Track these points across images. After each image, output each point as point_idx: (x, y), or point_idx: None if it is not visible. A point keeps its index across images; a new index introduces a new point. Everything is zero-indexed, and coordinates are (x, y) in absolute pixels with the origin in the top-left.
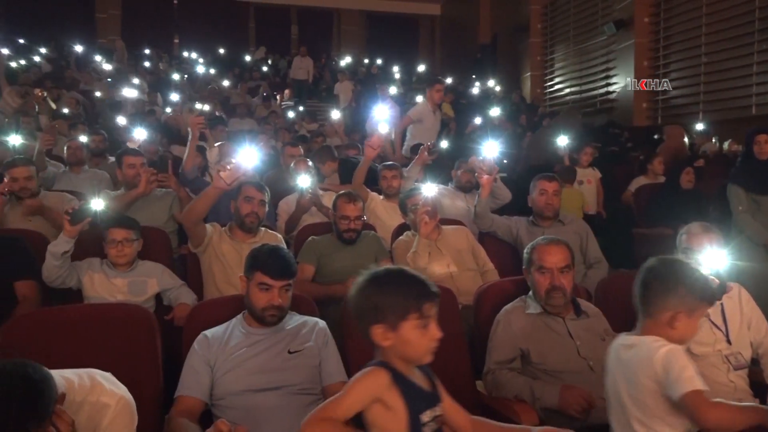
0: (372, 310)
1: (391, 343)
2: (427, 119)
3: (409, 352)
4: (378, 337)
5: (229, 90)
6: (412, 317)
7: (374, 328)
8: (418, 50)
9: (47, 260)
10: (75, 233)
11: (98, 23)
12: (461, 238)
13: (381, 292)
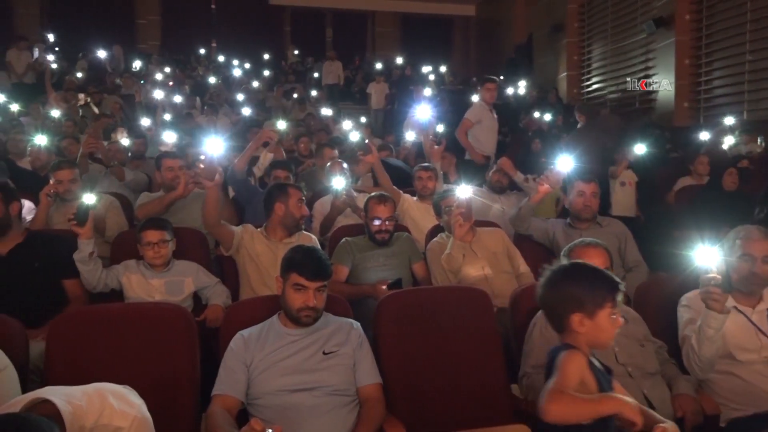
0: (572, 300)
1: (585, 330)
2: (485, 119)
3: (601, 337)
4: (575, 325)
5: (265, 93)
6: (608, 306)
7: (573, 316)
8: (452, 51)
9: (79, 268)
10: (89, 232)
11: (138, 29)
12: (496, 240)
13: (580, 283)
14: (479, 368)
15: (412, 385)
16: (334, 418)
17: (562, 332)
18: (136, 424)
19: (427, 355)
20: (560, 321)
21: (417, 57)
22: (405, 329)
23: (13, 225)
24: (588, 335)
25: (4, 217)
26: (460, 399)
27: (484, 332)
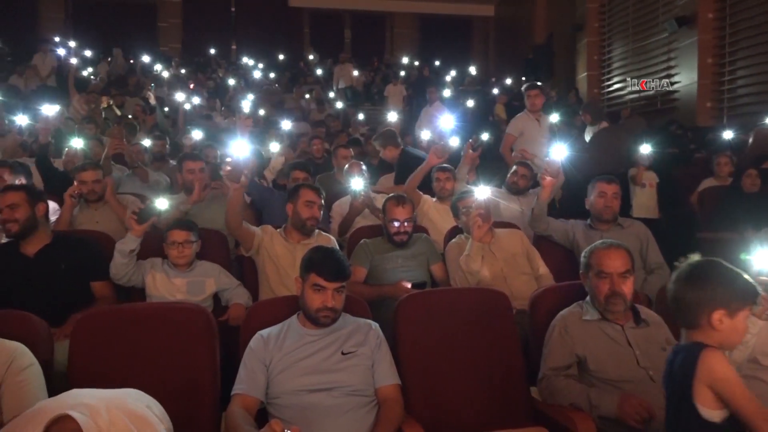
0: (718, 297)
1: (723, 328)
2: (528, 131)
3: (733, 338)
4: (715, 322)
5: (284, 94)
6: (748, 307)
7: (715, 314)
8: (471, 52)
9: (115, 258)
10: (141, 232)
11: (160, 32)
12: (515, 242)
13: (728, 281)
14: (498, 370)
15: (430, 387)
16: (352, 419)
17: (692, 329)
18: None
19: (445, 356)
20: (695, 317)
21: (436, 58)
22: (424, 330)
23: (40, 226)
24: (723, 334)
25: (30, 218)
26: (479, 401)
27: (503, 334)
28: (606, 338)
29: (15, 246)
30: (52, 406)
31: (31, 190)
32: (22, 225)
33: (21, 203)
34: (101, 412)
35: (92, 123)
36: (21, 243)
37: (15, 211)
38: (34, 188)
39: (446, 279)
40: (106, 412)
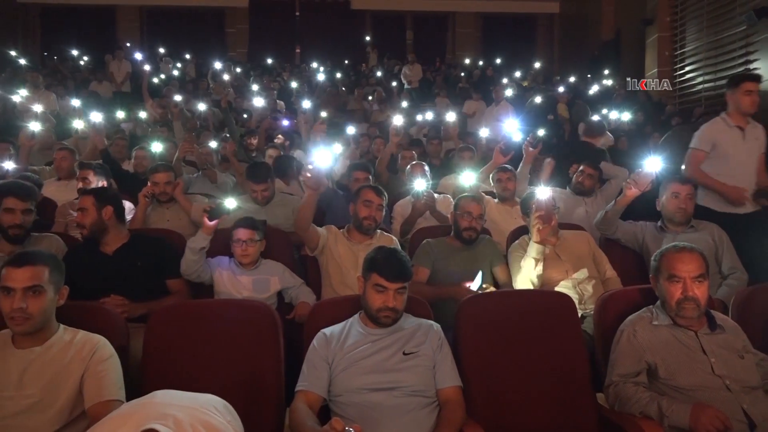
0: None
1: None
2: (724, 141)
3: None
4: None
5: (346, 96)
6: None
7: None
8: (535, 50)
9: (186, 255)
10: (212, 230)
11: (228, 37)
12: (582, 244)
13: None
14: (563, 375)
15: (492, 390)
16: (414, 419)
17: None
18: None
19: (508, 359)
20: None
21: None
22: (486, 332)
23: (110, 227)
24: None
25: (97, 221)
26: (542, 405)
27: (568, 338)
28: (678, 344)
29: (95, 245)
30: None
31: (100, 194)
32: (89, 228)
33: (89, 207)
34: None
35: (165, 126)
36: (100, 242)
37: (84, 215)
38: (105, 191)
39: (509, 281)
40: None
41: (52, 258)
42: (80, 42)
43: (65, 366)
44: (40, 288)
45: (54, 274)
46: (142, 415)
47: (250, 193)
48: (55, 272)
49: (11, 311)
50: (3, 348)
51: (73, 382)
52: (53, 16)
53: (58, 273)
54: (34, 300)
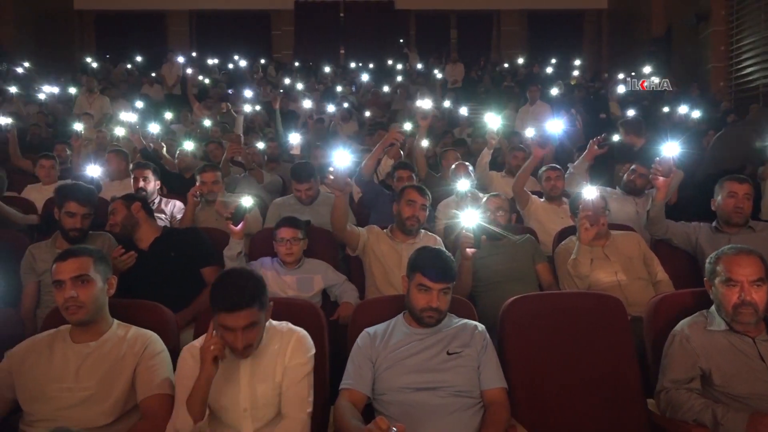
0: None
1: None
2: None
3: None
4: None
5: (390, 96)
6: None
7: None
8: (582, 47)
9: (226, 264)
10: (241, 233)
11: (273, 40)
12: (632, 245)
13: None
14: (611, 379)
15: (538, 392)
16: (458, 420)
17: None
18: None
19: (554, 361)
20: None
21: (545, 54)
22: (532, 334)
23: (141, 222)
24: None
25: (128, 215)
26: (590, 410)
27: (617, 342)
28: (734, 351)
29: (131, 242)
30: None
31: (126, 197)
32: (121, 225)
33: (118, 207)
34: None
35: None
36: (134, 239)
37: (115, 214)
38: (131, 196)
39: (552, 282)
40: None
41: (95, 251)
42: (132, 46)
43: (119, 360)
44: (87, 277)
45: (99, 265)
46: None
47: (295, 192)
48: (100, 263)
49: (64, 302)
50: (62, 342)
51: (126, 376)
52: (107, 21)
53: (104, 264)
54: (83, 289)
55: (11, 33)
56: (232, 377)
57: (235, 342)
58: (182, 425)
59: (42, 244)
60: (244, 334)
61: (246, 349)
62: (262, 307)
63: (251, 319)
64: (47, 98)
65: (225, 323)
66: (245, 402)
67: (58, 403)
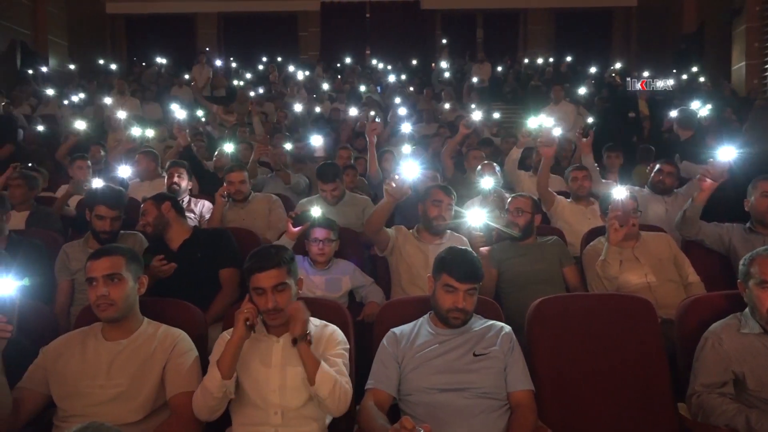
0: None
1: None
2: None
3: None
4: None
5: (416, 96)
6: None
7: None
8: (611, 45)
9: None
10: (295, 236)
11: (300, 41)
12: (662, 246)
13: None
14: (641, 383)
15: (565, 395)
16: (484, 421)
17: None
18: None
19: (582, 364)
20: None
21: (573, 53)
22: (559, 336)
23: (172, 222)
24: None
25: (159, 215)
26: (618, 413)
27: (647, 344)
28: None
29: (163, 242)
30: None
31: (157, 197)
32: (153, 224)
33: (149, 207)
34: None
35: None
36: (165, 239)
37: (147, 214)
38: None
39: (579, 284)
40: None
41: (128, 250)
42: (162, 49)
43: (149, 357)
44: (119, 275)
45: (131, 264)
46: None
47: (321, 192)
48: (132, 262)
49: (96, 299)
50: (94, 339)
51: (156, 373)
52: (138, 25)
53: (136, 263)
54: (115, 287)
55: (46, 38)
56: (264, 359)
57: (266, 303)
58: (210, 382)
59: (75, 243)
60: (274, 296)
61: (275, 312)
62: (290, 273)
63: (280, 279)
64: (81, 101)
65: (257, 284)
66: (274, 383)
67: (90, 399)
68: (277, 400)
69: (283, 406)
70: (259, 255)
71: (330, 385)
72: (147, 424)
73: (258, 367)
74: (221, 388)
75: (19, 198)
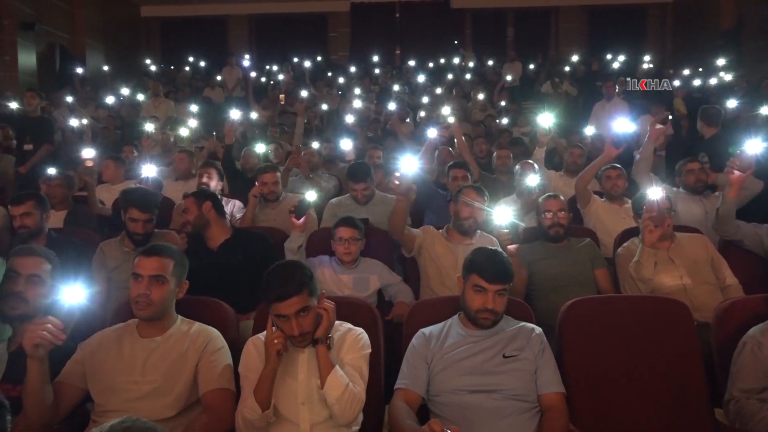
0: None
1: None
2: None
3: None
4: None
5: (445, 95)
6: None
7: None
8: (645, 42)
9: (286, 256)
10: (303, 226)
11: (330, 42)
12: (698, 248)
13: None
14: (676, 387)
15: (597, 398)
16: (513, 423)
17: None
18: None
19: (615, 367)
20: None
21: (606, 51)
22: (592, 338)
23: (212, 222)
24: None
25: (199, 216)
26: (652, 418)
27: (683, 348)
28: None
29: (203, 241)
30: None
31: (198, 194)
32: (193, 224)
33: (191, 206)
34: None
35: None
36: (206, 238)
37: (188, 213)
38: (203, 191)
39: (610, 287)
40: None
41: (178, 253)
42: (195, 51)
43: (182, 355)
44: (164, 278)
45: (177, 268)
46: None
47: (351, 192)
48: (179, 267)
49: (137, 296)
50: (130, 336)
51: (188, 371)
52: (172, 27)
53: (181, 268)
54: (157, 288)
55: (84, 41)
56: (290, 370)
57: (291, 330)
58: (250, 413)
59: (112, 242)
60: (298, 321)
61: (302, 336)
62: (311, 293)
63: (302, 305)
64: (116, 102)
65: (279, 312)
66: (302, 395)
67: (126, 395)
68: (306, 414)
69: (312, 420)
70: (277, 283)
71: (339, 391)
72: (181, 420)
73: (284, 379)
74: (263, 419)
75: (59, 198)
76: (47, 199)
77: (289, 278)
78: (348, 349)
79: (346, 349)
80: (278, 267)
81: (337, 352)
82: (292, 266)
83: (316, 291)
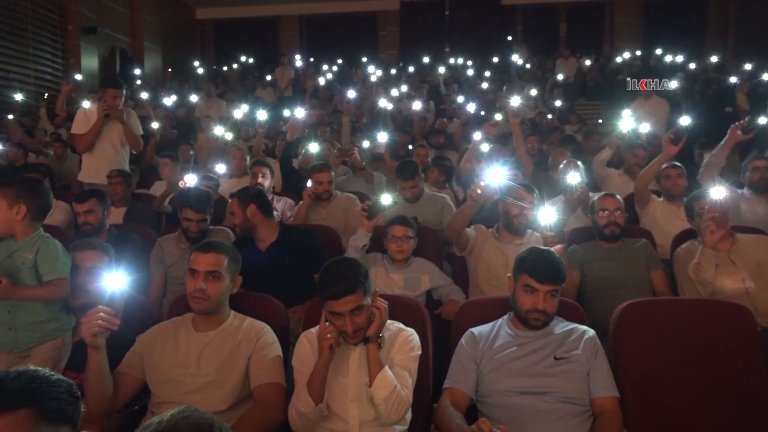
0: None
1: None
2: None
3: None
4: None
5: (495, 92)
6: None
7: None
8: (705, 36)
9: (348, 252)
10: (371, 227)
11: (379, 40)
12: (761, 249)
13: None
14: (737, 395)
15: (653, 404)
16: (564, 426)
17: None
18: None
19: (672, 373)
20: None
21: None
22: (647, 342)
23: (258, 224)
24: None
25: (244, 219)
26: (712, 427)
27: (745, 354)
28: None
29: (252, 241)
30: None
31: (242, 195)
32: (240, 228)
33: (236, 209)
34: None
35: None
36: (255, 239)
37: (233, 217)
38: (246, 191)
39: (667, 289)
40: None
41: (232, 250)
42: (247, 51)
43: (235, 349)
44: (219, 274)
45: (232, 264)
46: None
47: (400, 190)
48: (233, 263)
49: (194, 291)
50: (185, 330)
51: (241, 365)
52: (225, 28)
53: (235, 264)
54: (213, 284)
55: (142, 44)
56: (341, 368)
57: (345, 326)
58: (304, 407)
59: (170, 237)
60: (352, 319)
61: (356, 333)
62: (366, 292)
63: (357, 303)
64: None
65: (333, 309)
66: (352, 392)
67: (182, 387)
68: (355, 411)
69: (360, 417)
70: (333, 281)
71: (387, 391)
72: (234, 413)
73: (336, 376)
74: (316, 412)
75: (120, 195)
76: (108, 197)
77: (345, 276)
78: (398, 349)
79: (397, 349)
80: (335, 264)
81: (387, 352)
82: (348, 264)
83: (371, 290)
